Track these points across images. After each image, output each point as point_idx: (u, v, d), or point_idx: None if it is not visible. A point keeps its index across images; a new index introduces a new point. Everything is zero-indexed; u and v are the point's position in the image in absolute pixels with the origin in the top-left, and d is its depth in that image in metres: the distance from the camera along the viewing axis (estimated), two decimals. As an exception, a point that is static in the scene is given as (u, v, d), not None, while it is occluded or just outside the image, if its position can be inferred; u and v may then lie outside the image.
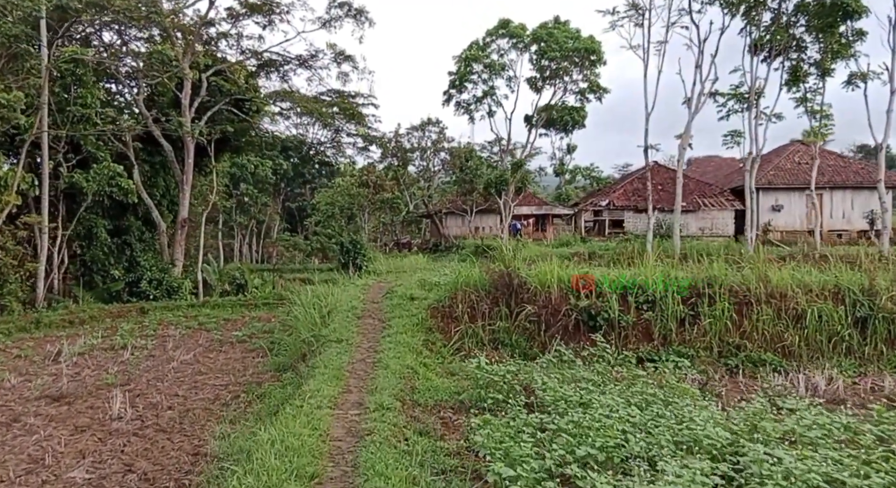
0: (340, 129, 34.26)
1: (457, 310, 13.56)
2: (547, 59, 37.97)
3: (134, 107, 32.44)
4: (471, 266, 15.65)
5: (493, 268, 13.83)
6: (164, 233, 30.23)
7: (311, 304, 15.78)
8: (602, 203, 40.97)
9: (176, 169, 30.17)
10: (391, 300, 15.44)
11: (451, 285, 14.40)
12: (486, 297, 13.57)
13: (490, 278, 13.62)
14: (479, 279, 13.90)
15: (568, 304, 13.05)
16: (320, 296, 17.04)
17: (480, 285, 13.81)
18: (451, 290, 14.16)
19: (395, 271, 28.22)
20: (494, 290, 13.56)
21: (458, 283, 14.02)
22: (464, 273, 14.33)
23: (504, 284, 13.34)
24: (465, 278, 14.03)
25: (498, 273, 13.54)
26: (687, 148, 26.46)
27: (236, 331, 20.15)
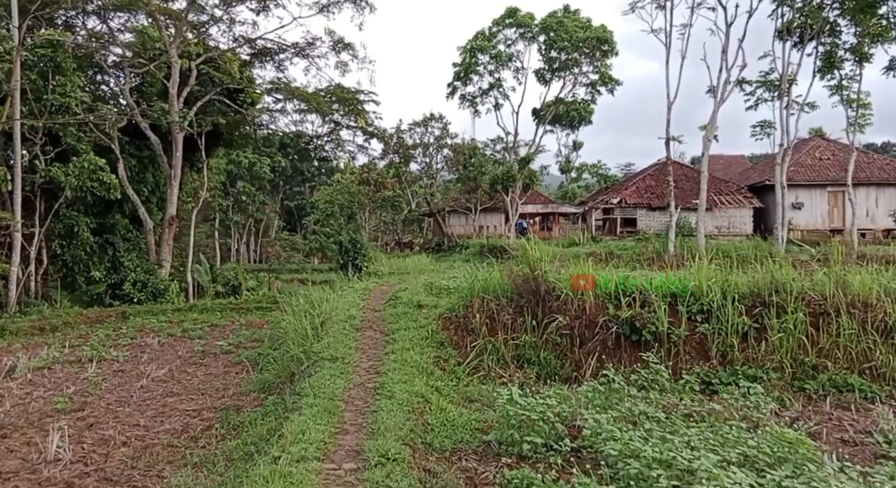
0: (339, 122, 31.91)
1: (473, 320, 11.37)
2: (556, 50, 35.79)
3: (121, 97, 30.24)
4: (488, 268, 13.42)
5: (515, 271, 11.60)
6: (150, 231, 28.03)
7: (302, 313, 13.59)
8: (613, 200, 38.78)
9: (164, 163, 27.97)
10: (395, 308, 13.26)
11: (465, 291, 12.21)
12: (508, 306, 11.39)
13: (513, 283, 11.41)
14: (499, 284, 11.71)
15: (606, 314, 10.86)
16: (314, 303, 14.85)
17: (501, 292, 11.62)
18: (466, 297, 11.97)
19: (397, 272, 26.03)
20: (518, 298, 11.37)
21: (475, 289, 11.82)
22: (481, 277, 12.10)
23: (530, 291, 11.15)
24: (483, 283, 11.82)
25: (522, 277, 11.34)
26: (712, 140, 24.27)
27: (221, 340, 17.97)
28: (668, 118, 24.55)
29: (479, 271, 13.57)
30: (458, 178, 48.89)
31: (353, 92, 30.40)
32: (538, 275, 11.27)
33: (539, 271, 11.41)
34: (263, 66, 31.97)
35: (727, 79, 24.12)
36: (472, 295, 11.83)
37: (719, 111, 24.54)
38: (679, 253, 24.82)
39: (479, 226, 49.57)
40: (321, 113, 31.66)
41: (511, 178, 36.11)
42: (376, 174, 53.07)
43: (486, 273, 12.42)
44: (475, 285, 11.85)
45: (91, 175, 23.97)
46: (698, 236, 24.54)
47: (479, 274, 12.60)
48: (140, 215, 27.90)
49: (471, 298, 11.76)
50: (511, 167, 36.84)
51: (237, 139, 34.94)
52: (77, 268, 27.43)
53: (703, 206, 24.86)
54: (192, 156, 31.83)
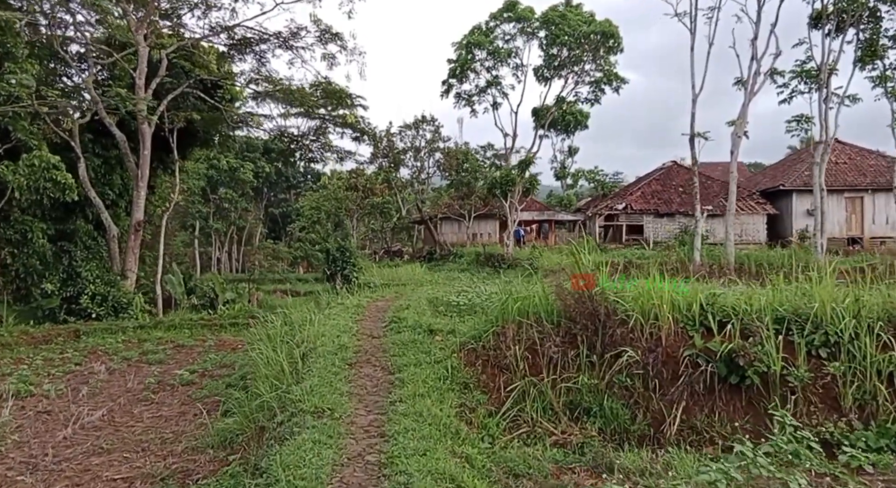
0: (327, 119, 28.81)
1: (508, 353, 8.32)
2: (558, 45, 32.99)
3: (84, 91, 26.94)
4: (524, 282, 10.39)
5: (563, 287, 8.53)
6: (114, 238, 24.69)
7: (279, 339, 10.45)
8: (619, 206, 35.99)
9: (130, 163, 24.68)
10: (399, 333, 10.16)
11: (494, 314, 9.12)
12: (555, 334, 8.35)
13: (562, 304, 8.37)
14: (541, 305, 8.66)
15: (691, 347, 7.87)
16: (295, 324, 11.73)
17: (545, 314, 8.57)
18: (496, 321, 8.90)
19: (392, 284, 22.92)
20: (568, 323, 8.33)
21: (509, 311, 8.74)
22: (516, 295, 9.01)
23: (585, 314, 8.13)
24: (520, 303, 8.74)
25: (574, 296, 8.30)
26: (742, 137, 21.49)
27: (182, 368, 14.74)
28: (692, 112, 21.77)
29: (512, 284, 10.51)
30: (450, 183, 45.90)
31: (341, 88, 27.30)
32: (596, 292, 8.23)
33: (597, 288, 8.37)
34: (244, 59, 28.82)
35: (757, 69, 21.38)
36: (504, 318, 8.76)
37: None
38: (706, 262, 22.01)
39: (473, 233, 46.61)
40: (306, 110, 28.52)
41: (510, 182, 33.16)
42: (365, 179, 49.96)
43: (524, 288, 9.30)
44: (509, 306, 8.76)
45: (44, 174, 20.77)
46: (727, 244, 21.72)
47: (513, 288, 9.47)
48: (103, 220, 24.58)
49: (503, 323, 8.70)
50: (510, 170, 33.90)
51: (215, 138, 31.65)
52: (31, 279, 24.11)
53: (731, 210, 22.04)
54: (165, 157, 28.62)
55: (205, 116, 27.55)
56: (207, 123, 28.66)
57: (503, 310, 8.80)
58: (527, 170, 34.19)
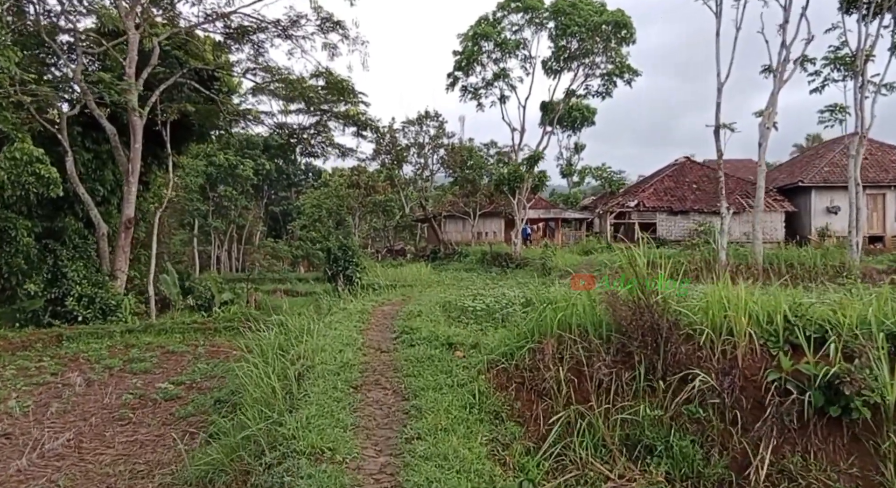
0: (328, 111, 27.25)
1: (547, 375, 6.77)
2: (569, 36, 31.40)
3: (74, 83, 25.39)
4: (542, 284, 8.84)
5: (614, 294, 6.94)
6: (104, 237, 23.14)
7: (271, 353, 8.90)
8: (630, 204, 34.39)
9: (121, 157, 23.14)
10: (412, 346, 8.61)
11: (528, 326, 7.53)
12: (604, 351, 6.80)
13: (613, 315, 6.82)
14: (587, 316, 7.11)
15: (775, 369, 6.31)
16: (292, 333, 10.19)
17: (592, 328, 7.02)
18: (531, 335, 7.34)
19: (397, 285, 21.36)
20: (622, 338, 6.77)
21: (547, 323, 7.18)
22: (556, 303, 7.43)
23: (642, 327, 6.57)
24: (562, 315, 7.17)
25: (628, 306, 6.73)
26: (771, 128, 19.92)
27: (170, 378, 13.23)
28: (717, 101, 20.19)
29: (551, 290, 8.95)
30: (454, 181, 44.31)
31: (342, 78, 25.75)
32: (655, 302, 6.67)
33: (649, 293, 6.81)
34: (241, 49, 27.22)
35: (787, 56, 19.81)
36: (541, 331, 7.21)
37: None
38: (732, 262, 20.45)
39: (478, 232, 45.05)
40: (306, 102, 26.96)
41: (518, 178, 31.58)
42: (367, 177, 48.42)
43: (564, 295, 7.71)
44: (547, 316, 7.20)
45: (27, 168, 19.28)
46: (755, 243, 20.15)
47: (551, 296, 7.87)
48: (92, 217, 23.05)
49: (540, 337, 7.14)
50: (518, 166, 32.32)
51: (211, 133, 30.10)
52: (15, 279, 22.54)
53: (759, 207, 20.53)
54: (160, 152, 27.09)
55: (200, 109, 26.01)
56: (203, 116, 27.10)
57: (540, 322, 7.23)
58: (535, 166, 32.61)
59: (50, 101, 21.72)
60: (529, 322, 7.42)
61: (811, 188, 32.60)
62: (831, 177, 32.55)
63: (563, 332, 7.04)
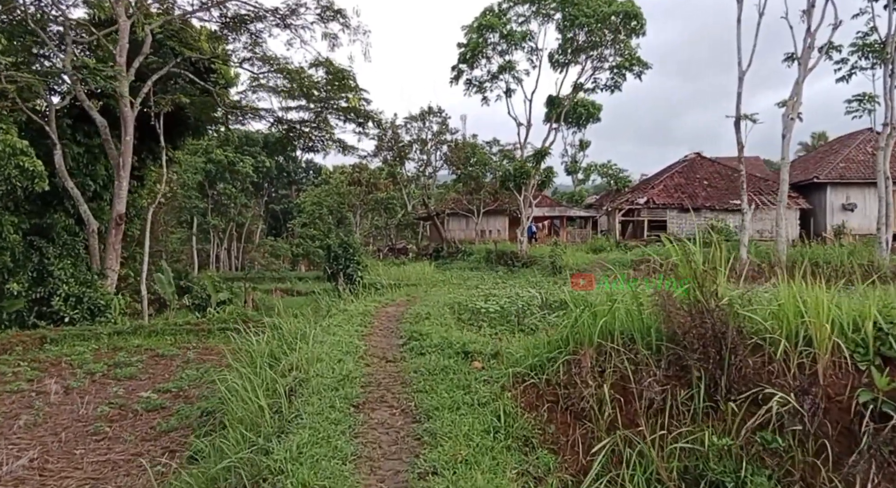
0: (327, 103, 26.09)
1: (584, 392, 5.62)
2: (577, 27, 30.24)
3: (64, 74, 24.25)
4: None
5: (668, 296, 5.77)
6: (94, 233, 22.03)
7: (262, 360, 7.76)
8: (640, 201, 33.23)
9: (111, 150, 22.03)
10: (422, 355, 7.46)
11: (561, 334, 6.36)
12: (653, 364, 5.65)
13: (666, 320, 5.66)
14: (632, 321, 5.96)
15: (867, 389, 5.17)
16: (286, 338, 9.05)
17: (640, 336, 5.87)
18: (564, 345, 6.19)
19: (400, 284, 20.21)
20: (675, 348, 5.63)
21: (584, 329, 6.01)
22: (595, 307, 6.25)
23: (703, 336, 5.42)
24: (604, 320, 6.01)
25: (685, 309, 5.58)
26: (795, 119, 18.78)
27: (156, 386, 12.10)
28: (738, 92, 19.04)
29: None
30: (458, 178, 43.17)
31: (343, 68, 24.62)
32: (718, 306, 5.53)
33: (710, 296, 5.67)
34: (237, 39, 26.06)
35: (811, 43, 18.67)
36: (576, 339, 6.06)
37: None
38: (754, 260, 19.30)
39: (482, 230, 43.93)
40: (306, 93, 25.82)
41: (525, 175, 30.43)
42: (368, 174, 47.27)
43: (604, 294, 6.50)
44: (584, 322, 6.03)
45: (10, 160, 18.19)
46: (778, 240, 19.01)
47: (591, 297, 6.66)
48: (82, 213, 21.94)
49: (576, 346, 6.00)
50: (524, 162, 31.17)
51: (207, 127, 28.97)
52: (1, 277, 21.46)
53: (783, 202, 19.38)
54: (154, 147, 25.99)
55: (195, 101, 24.89)
56: (199, 109, 25.99)
57: (576, 328, 6.07)
58: (542, 162, 31.48)
59: (35, 90, 20.55)
60: (563, 328, 6.26)
61: (826, 184, 31.46)
62: (847, 174, 31.41)
63: (603, 341, 5.89)
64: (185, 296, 26.87)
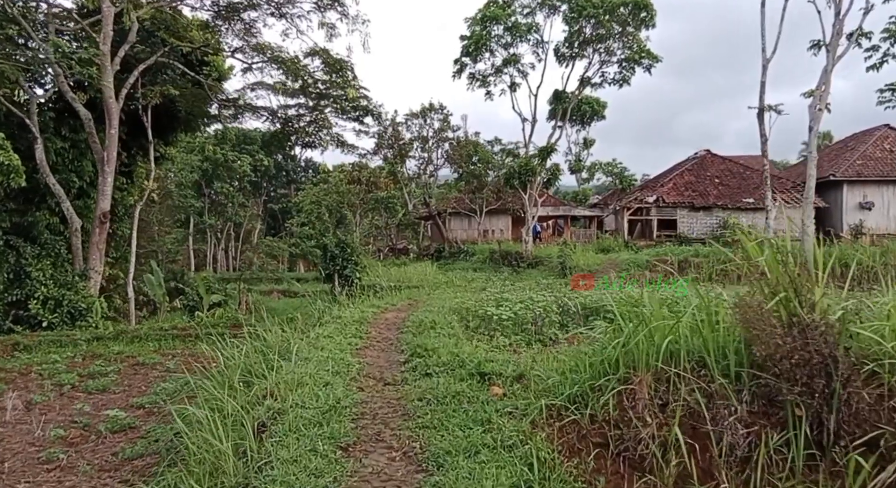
0: (324, 95, 24.72)
1: (640, 432, 4.24)
2: (584, 19, 28.89)
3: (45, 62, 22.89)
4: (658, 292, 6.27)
5: (754, 307, 4.39)
6: (76, 232, 20.66)
7: (237, 378, 6.39)
8: (649, 199, 31.85)
9: (95, 144, 20.67)
10: (428, 376, 6.07)
11: (606, 356, 4.94)
12: (735, 396, 4.26)
13: (754, 341, 4.27)
14: (702, 339, 4.57)
15: None
16: (264, 355, 7.68)
17: (714, 359, 4.48)
18: (609, 369, 4.80)
19: (401, 287, 18.84)
20: (764, 376, 4.24)
21: (640, 349, 4.62)
22: (649, 320, 4.85)
23: (805, 362, 4.03)
24: (664, 337, 4.63)
25: (779, 326, 4.19)
26: (824, 111, 17.44)
27: (125, 403, 10.71)
28: (762, 80, 17.68)
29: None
30: (460, 176, 41.81)
31: (340, 58, 23.29)
32: (826, 323, 4.14)
33: (816, 311, 4.28)
34: (230, 29, 24.68)
35: (840, 28, 17.32)
36: (629, 362, 4.67)
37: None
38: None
39: (484, 229, 42.57)
40: (303, 87, 24.46)
41: (530, 172, 29.07)
42: (368, 172, 45.92)
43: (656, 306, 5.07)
44: (639, 340, 4.64)
45: (-17, 154, 16.88)
46: (805, 240, 17.64)
47: (646, 309, 5.19)
48: (64, 211, 20.59)
49: (626, 371, 4.61)
50: (529, 159, 29.81)
51: (199, 121, 27.61)
52: (-23, 280, 20.11)
53: (810, 198, 18.02)
54: (146, 143, 24.66)
55: (186, 93, 23.54)
56: (190, 102, 24.61)
57: (628, 348, 4.69)
58: (548, 159, 30.12)
59: (13, 78, 19.22)
60: (609, 347, 4.86)
61: (843, 182, 30.09)
62: (865, 171, 30.04)
63: (664, 365, 4.52)
64: (179, 297, 25.58)
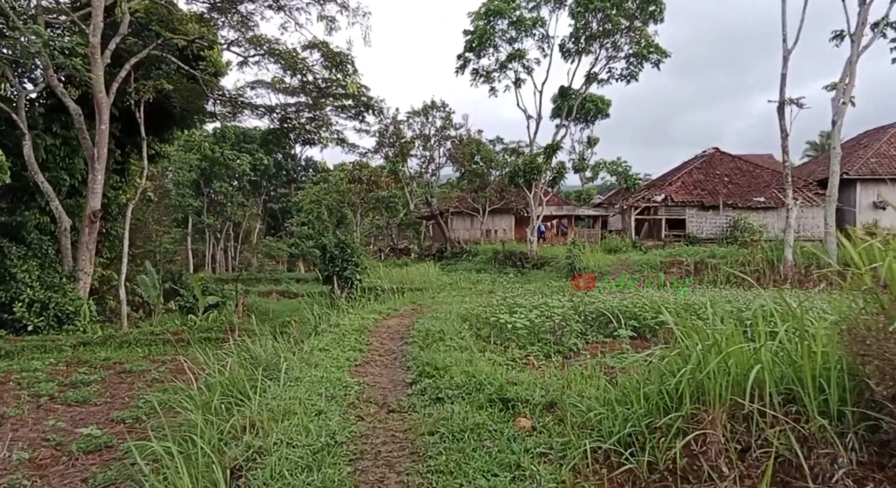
0: (322, 89, 23.75)
1: (718, 487, 3.27)
2: (591, 13, 27.93)
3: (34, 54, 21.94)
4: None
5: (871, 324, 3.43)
6: (65, 232, 19.73)
7: (215, 400, 5.42)
8: (657, 198, 30.90)
9: (85, 140, 19.76)
10: (440, 402, 5.10)
11: (663, 386, 3.98)
12: (839, 440, 3.28)
13: (866, 370, 3.31)
14: (797, 366, 3.61)
15: None
16: (253, 368, 6.71)
17: (809, 394, 3.51)
18: (671, 402, 3.83)
19: (403, 288, 17.89)
20: (878, 415, 3.27)
21: (713, 380, 3.66)
22: (717, 340, 3.87)
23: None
24: (742, 362, 3.66)
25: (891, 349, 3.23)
26: (848, 104, 16.47)
27: (105, 417, 9.76)
28: (782, 72, 16.71)
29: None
30: (462, 175, 40.86)
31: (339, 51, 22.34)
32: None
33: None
34: (227, 22, 23.74)
35: (865, 17, 16.38)
36: (691, 394, 3.71)
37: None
38: (800, 263, 16.99)
39: (487, 229, 41.61)
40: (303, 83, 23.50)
41: (535, 170, 28.11)
42: (369, 171, 44.95)
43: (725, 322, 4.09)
44: (711, 369, 3.68)
45: (-34, 150, 16.02)
46: (827, 241, 16.67)
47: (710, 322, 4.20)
48: (53, 210, 19.69)
49: (692, 406, 3.65)
50: (535, 157, 28.85)
51: (195, 118, 26.67)
52: (-35, 282, 19.19)
53: (833, 196, 17.03)
54: (139, 139, 23.75)
55: (180, 88, 22.63)
56: (185, 98, 23.71)
57: (696, 379, 3.72)
58: (553, 157, 29.17)
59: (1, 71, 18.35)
60: (676, 377, 3.87)
61: (856, 181, 29.13)
62: (879, 170, 29.08)
63: (741, 399, 3.56)
64: (175, 299, 24.68)
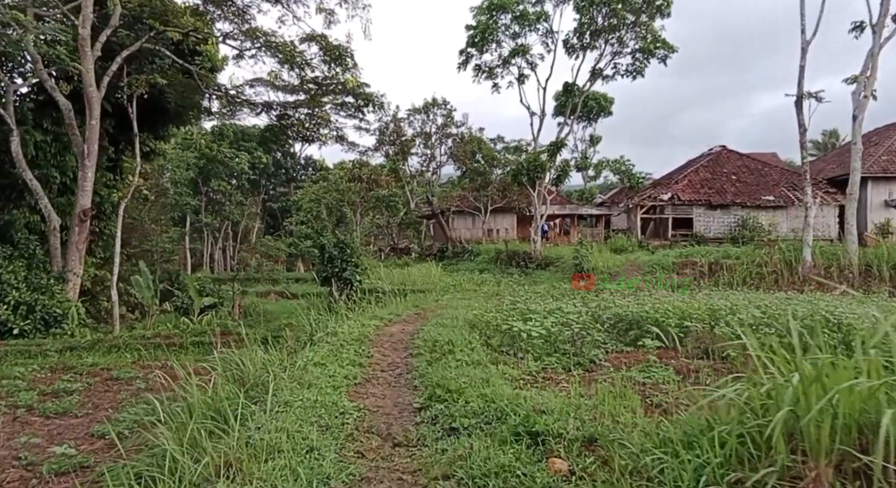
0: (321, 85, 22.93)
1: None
2: (597, 7, 27.12)
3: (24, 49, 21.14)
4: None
5: None
6: (55, 231, 18.92)
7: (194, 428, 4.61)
8: (664, 197, 30.08)
9: (75, 136, 18.95)
10: (454, 433, 4.30)
11: (745, 425, 3.17)
12: None
13: None
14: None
15: None
16: (246, 380, 5.91)
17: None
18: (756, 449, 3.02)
19: (405, 290, 17.08)
20: None
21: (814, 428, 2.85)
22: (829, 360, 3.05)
23: None
24: (856, 406, 2.85)
25: None
26: (869, 97, 15.67)
27: (85, 432, 8.95)
28: (801, 65, 15.90)
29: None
30: (463, 174, 40.06)
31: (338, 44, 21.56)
32: None
33: None
34: (223, 15, 22.92)
35: (887, 8, 15.58)
36: (787, 440, 2.90)
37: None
38: (819, 263, 16.20)
39: (489, 228, 40.81)
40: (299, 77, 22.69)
41: (539, 168, 27.30)
42: (369, 170, 44.14)
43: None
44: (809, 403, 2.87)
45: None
46: (848, 241, 15.88)
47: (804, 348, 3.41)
48: (42, 208, 18.88)
49: (787, 455, 2.83)
50: (538, 155, 28.05)
51: (190, 114, 25.85)
52: (-50, 283, 18.37)
53: (854, 193, 16.23)
54: (133, 136, 22.95)
55: (175, 83, 21.81)
56: (179, 94, 22.89)
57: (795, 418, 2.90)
58: (557, 155, 28.36)
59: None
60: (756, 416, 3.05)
61: (868, 179, 28.29)
62: (891, 167, 28.29)
63: (850, 449, 2.76)
64: (171, 300, 23.90)
